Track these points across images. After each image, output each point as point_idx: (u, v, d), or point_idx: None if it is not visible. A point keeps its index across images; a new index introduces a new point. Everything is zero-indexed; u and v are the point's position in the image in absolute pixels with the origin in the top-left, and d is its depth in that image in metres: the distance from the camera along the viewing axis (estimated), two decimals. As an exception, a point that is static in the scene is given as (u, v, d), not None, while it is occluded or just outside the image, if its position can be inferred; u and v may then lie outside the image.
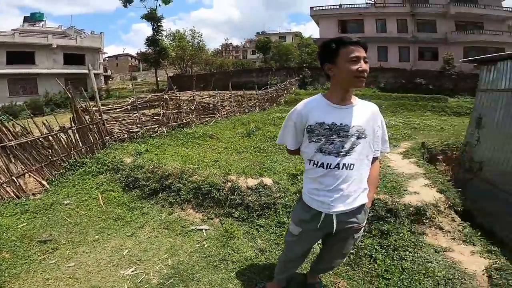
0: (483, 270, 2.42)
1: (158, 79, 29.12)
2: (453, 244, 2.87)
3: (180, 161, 4.38)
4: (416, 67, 21.91)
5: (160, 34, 27.48)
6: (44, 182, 4.25)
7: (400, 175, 3.95)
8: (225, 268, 2.44)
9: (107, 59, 46.98)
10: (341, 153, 1.40)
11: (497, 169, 4.42)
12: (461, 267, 2.47)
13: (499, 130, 4.54)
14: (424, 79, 19.80)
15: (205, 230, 3.05)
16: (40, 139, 4.45)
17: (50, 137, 4.58)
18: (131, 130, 6.02)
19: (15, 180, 3.96)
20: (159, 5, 26.58)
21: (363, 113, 1.44)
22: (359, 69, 1.31)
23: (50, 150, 4.55)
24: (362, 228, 1.60)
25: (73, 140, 4.94)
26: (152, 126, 6.56)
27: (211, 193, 3.45)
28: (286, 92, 17.93)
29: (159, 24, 27.04)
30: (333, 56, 1.37)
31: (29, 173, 4.21)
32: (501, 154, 4.41)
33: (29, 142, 4.25)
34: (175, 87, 7.56)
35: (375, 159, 1.57)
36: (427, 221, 3.08)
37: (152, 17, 26.37)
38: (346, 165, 1.41)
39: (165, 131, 6.71)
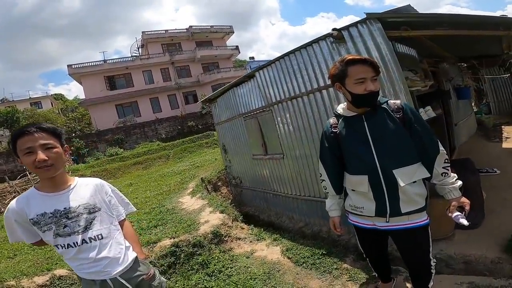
0: (281, 255, 3.27)
1: None
2: (253, 245, 3.70)
3: None
4: (186, 111, 24.39)
5: None
6: None
7: (192, 212, 4.58)
8: None
9: None
10: (80, 231, 1.43)
11: (247, 178, 6.10)
12: (268, 259, 3.22)
13: (234, 151, 6.27)
14: (194, 120, 22.87)
15: None
16: None
17: None
18: None
19: None
20: None
21: (85, 190, 1.51)
22: (36, 160, 1.27)
23: None
24: (155, 275, 1.72)
25: None
26: None
27: None
28: (58, 173, 14.65)
29: None
30: (15, 152, 1.32)
31: None
32: (243, 168, 6.13)
33: None
34: None
35: (123, 221, 1.70)
36: (226, 238, 3.78)
37: None
38: (93, 237, 1.45)
39: None
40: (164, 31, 27.46)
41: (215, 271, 3.08)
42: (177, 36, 27.44)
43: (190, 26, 27.77)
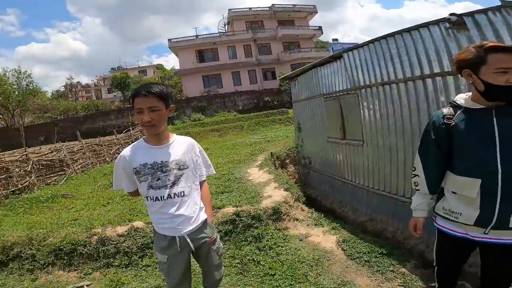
0: (336, 245, 3.16)
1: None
2: (309, 229, 3.61)
3: (25, 229, 3.70)
4: (263, 86, 25.55)
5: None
6: None
7: (257, 185, 4.67)
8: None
9: None
10: (169, 185, 1.57)
11: (318, 160, 5.92)
12: (321, 247, 3.13)
13: (309, 131, 6.12)
14: (270, 96, 23.58)
15: (87, 285, 2.76)
16: None
17: None
18: None
19: None
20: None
21: (180, 148, 1.64)
22: (143, 119, 1.47)
23: None
24: (216, 239, 1.86)
25: None
26: (-30, 201, 4.96)
27: (76, 250, 3.14)
28: (153, 130, 17.26)
29: (-45, 66, 20.30)
30: (132, 108, 1.55)
31: None
32: (315, 149, 5.96)
33: None
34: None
35: (202, 182, 1.80)
36: (285, 216, 3.76)
37: None
38: (177, 194, 1.59)
39: (-9, 204, 5.19)
40: (248, 9, 28.17)
41: (266, 246, 3.12)
42: (260, 14, 27.89)
43: (273, 5, 27.62)
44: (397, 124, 3.45)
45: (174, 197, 1.58)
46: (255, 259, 2.93)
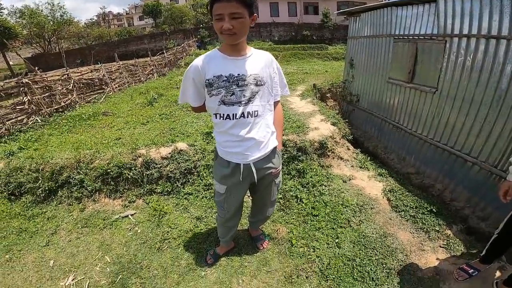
0: (381, 193, 2.92)
1: (12, 62, 23.03)
2: (353, 171, 3.36)
3: (71, 150, 3.62)
4: (303, 20, 23.63)
5: (-1, 13, 20.86)
6: None
7: (301, 115, 4.32)
8: (169, 247, 2.28)
9: None
10: (243, 102, 1.40)
11: (369, 99, 5.41)
12: (366, 193, 2.91)
13: (365, 68, 5.52)
14: (309, 31, 21.99)
15: (131, 215, 2.71)
16: None
17: None
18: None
19: None
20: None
21: (258, 62, 1.44)
22: (222, 27, 1.28)
23: None
24: (280, 172, 1.70)
25: None
26: (19, 118, 5.21)
27: (122, 174, 2.99)
28: (185, 54, 17.03)
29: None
30: (211, 14, 1.33)
31: None
32: (368, 87, 5.40)
33: None
34: (37, 68, 6.14)
35: (276, 103, 1.62)
36: (330, 153, 3.49)
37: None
38: (251, 113, 1.43)
39: (39, 121, 5.44)
40: None
41: (310, 183, 2.93)
42: None
43: None
44: (491, 80, 2.99)
45: (247, 117, 1.42)
46: (298, 196, 2.78)
